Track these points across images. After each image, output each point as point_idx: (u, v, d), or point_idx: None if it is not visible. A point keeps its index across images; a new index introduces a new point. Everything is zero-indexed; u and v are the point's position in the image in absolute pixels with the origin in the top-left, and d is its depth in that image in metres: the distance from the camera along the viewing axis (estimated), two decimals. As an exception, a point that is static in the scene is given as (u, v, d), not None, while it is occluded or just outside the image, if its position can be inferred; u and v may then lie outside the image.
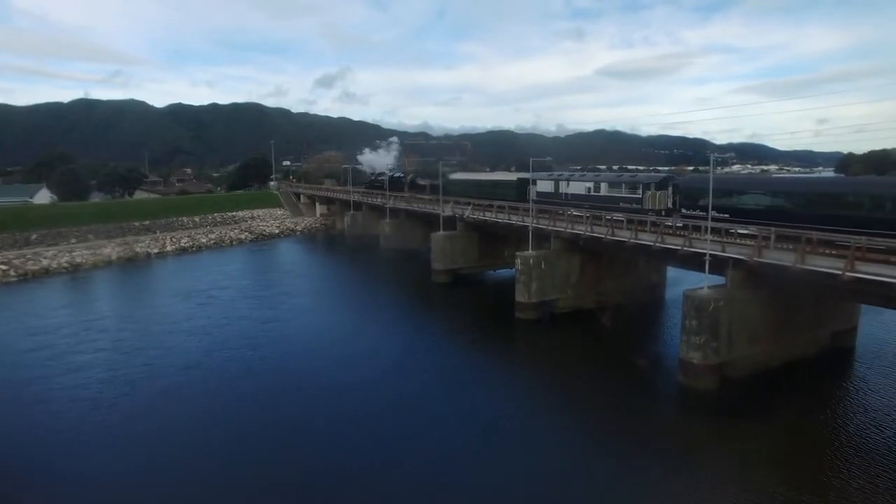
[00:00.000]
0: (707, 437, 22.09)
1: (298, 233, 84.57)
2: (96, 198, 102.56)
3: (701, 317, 25.51)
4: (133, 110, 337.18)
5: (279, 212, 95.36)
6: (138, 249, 64.05)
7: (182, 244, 68.82)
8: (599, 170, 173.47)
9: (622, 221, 33.80)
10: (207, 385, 27.11)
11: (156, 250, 65.34)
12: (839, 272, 22.09)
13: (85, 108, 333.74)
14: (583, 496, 18.68)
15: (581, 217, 36.81)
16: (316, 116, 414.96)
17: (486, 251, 49.43)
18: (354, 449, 21.38)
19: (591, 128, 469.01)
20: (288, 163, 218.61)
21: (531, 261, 36.50)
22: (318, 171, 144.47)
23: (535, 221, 38.32)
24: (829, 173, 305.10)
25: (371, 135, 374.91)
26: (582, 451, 21.51)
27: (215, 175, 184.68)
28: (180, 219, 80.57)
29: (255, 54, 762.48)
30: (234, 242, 74.32)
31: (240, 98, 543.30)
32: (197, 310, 41.06)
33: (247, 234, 78.43)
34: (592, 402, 25.21)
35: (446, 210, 50.67)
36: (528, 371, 29.80)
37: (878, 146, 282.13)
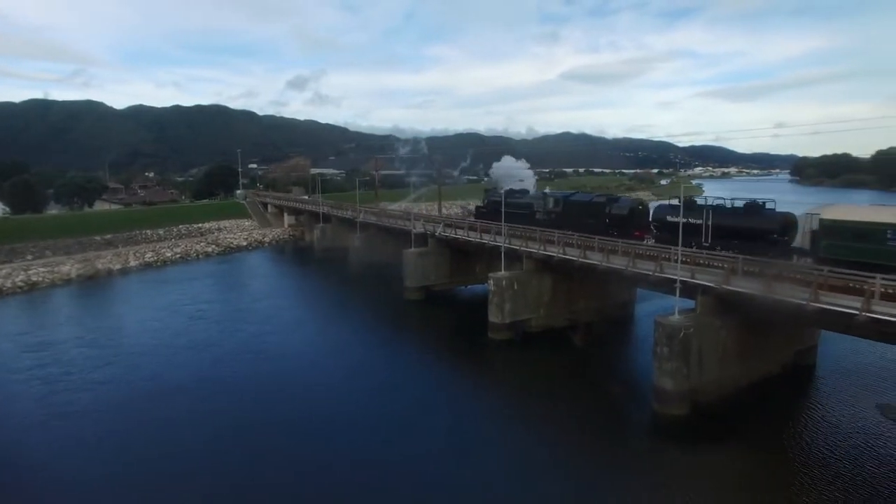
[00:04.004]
0: (681, 463, 22.40)
1: (267, 245, 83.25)
2: (53, 209, 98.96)
3: (672, 344, 25.88)
4: (92, 112, 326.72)
5: (247, 223, 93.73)
6: (100, 266, 62.07)
7: (146, 259, 67.02)
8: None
9: (594, 245, 34.15)
10: (170, 415, 26.50)
11: (118, 266, 63.41)
12: (804, 302, 22.83)
13: (39, 110, 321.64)
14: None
15: (553, 238, 37.07)
16: (282, 119, 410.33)
17: (458, 268, 49.41)
18: (326, 470, 21.62)
19: (558, 130, 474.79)
20: (254, 165, 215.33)
21: (504, 282, 36.59)
22: (285, 178, 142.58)
23: (507, 241, 38.45)
24: (785, 175, 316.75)
25: (338, 138, 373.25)
26: (557, 478, 21.45)
27: (179, 180, 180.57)
28: (144, 231, 78.53)
29: (222, 56, 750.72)
30: (200, 256, 72.72)
31: (205, 100, 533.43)
32: (162, 331, 40.14)
33: (214, 246, 76.82)
34: (567, 430, 25.28)
35: (417, 226, 50.48)
36: (502, 394, 29.87)
37: (830, 150, 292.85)
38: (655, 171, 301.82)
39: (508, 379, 32.22)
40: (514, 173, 72.28)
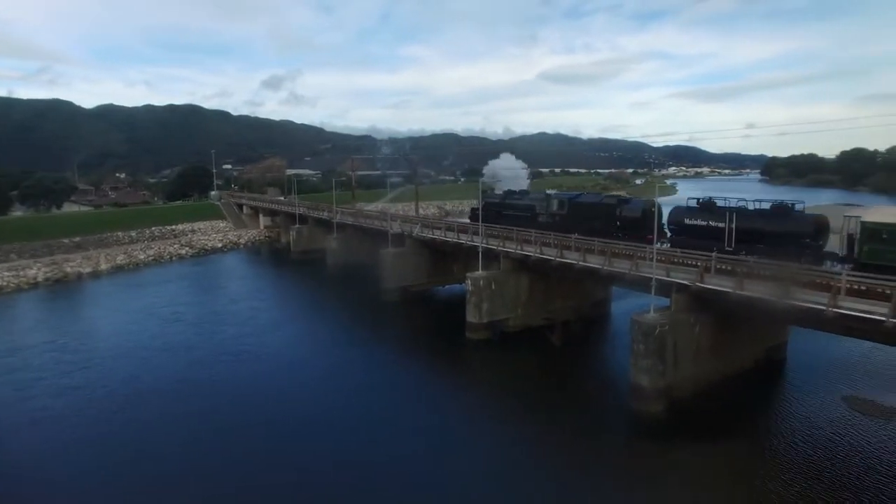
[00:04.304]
0: (657, 459, 22.66)
1: (242, 246, 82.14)
2: (18, 211, 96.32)
3: (648, 341, 26.22)
4: (59, 111, 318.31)
5: (221, 224, 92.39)
6: (68, 269, 60.55)
7: (118, 262, 65.61)
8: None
9: (570, 244, 34.39)
10: (148, 418, 26.03)
11: (88, 269, 61.96)
12: (775, 299, 23.34)
13: (2, 108, 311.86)
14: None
15: (531, 238, 37.25)
16: (257, 119, 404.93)
17: (436, 268, 49.36)
18: (305, 471, 21.63)
19: (534, 130, 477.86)
20: (229, 166, 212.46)
21: (481, 282, 36.68)
22: (260, 179, 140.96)
23: (484, 241, 38.56)
24: (755, 175, 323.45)
25: (314, 138, 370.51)
26: (535, 476, 21.54)
27: (151, 181, 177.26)
28: (115, 234, 76.91)
29: (195, 55, 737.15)
30: (174, 258, 71.45)
31: (177, 100, 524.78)
32: (137, 334, 39.48)
33: (188, 248, 75.58)
34: (545, 428, 25.47)
35: (395, 227, 50.33)
36: (480, 393, 29.94)
37: (798, 150, 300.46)
38: (630, 170, 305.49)
39: (487, 378, 32.30)
40: (509, 173, 66.70)
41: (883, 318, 20.15)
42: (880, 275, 22.74)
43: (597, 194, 50.42)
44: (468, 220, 50.55)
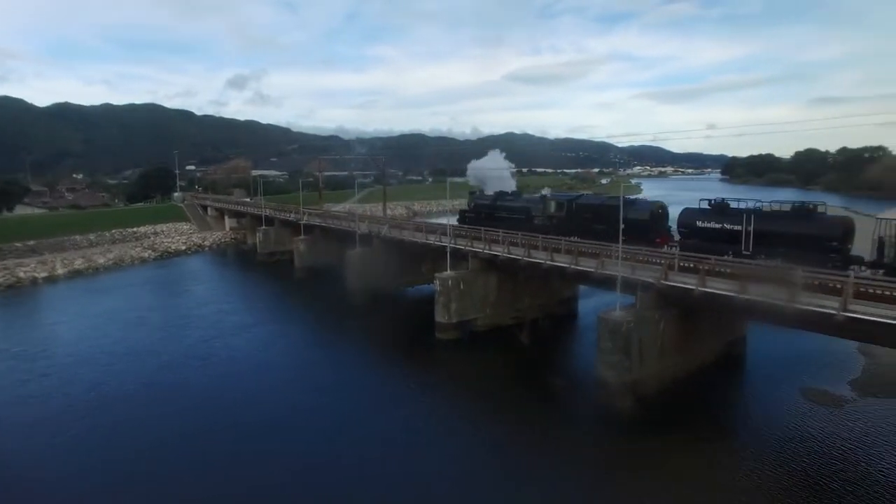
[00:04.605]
0: (623, 452, 23.07)
1: (207, 249, 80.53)
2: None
3: (614, 338, 26.72)
4: (8, 108, 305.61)
5: (185, 226, 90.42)
6: (22, 274, 58.31)
7: (76, 266, 63.48)
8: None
9: (538, 244, 34.75)
10: (114, 424, 25.37)
11: (44, 274, 59.82)
12: (735, 295, 24.08)
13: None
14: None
15: (498, 237, 37.53)
16: (221, 119, 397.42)
17: (404, 268, 49.25)
18: (274, 473, 21.36)
19: (501, 131, 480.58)
20: (193, 167, 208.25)
21: (450, 282, 36.80)
22: (225, 180, 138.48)
23: (452, 241, 38.69)
24: (716, 174, 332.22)
25: (280, 139, 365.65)
26: (502, 472, 21.86)
27: (111, 182, 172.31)
28: (73, 237, 74.54)
29: (156, 53, 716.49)
30: (136, 262, 69.54)
31: (138, 99, 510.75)
32: (100, 340, 38.25)
33: (150, 251, 73.70)
34: (513, 424, 25.81)
35: (362, 227, 50.09)
36: (449, 392, 30.04)
37: (756, 150, 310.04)
38: (596, 170, 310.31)
39: (456, 378, 32.40)
40: (496, 173, 62.62)
41: (834, 312, 20.97)
42: (833, 270, 23.71)
43: (598, 195, 47.66)
44: (443, 222, 49.62)
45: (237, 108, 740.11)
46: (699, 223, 32.99)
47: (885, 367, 29.95)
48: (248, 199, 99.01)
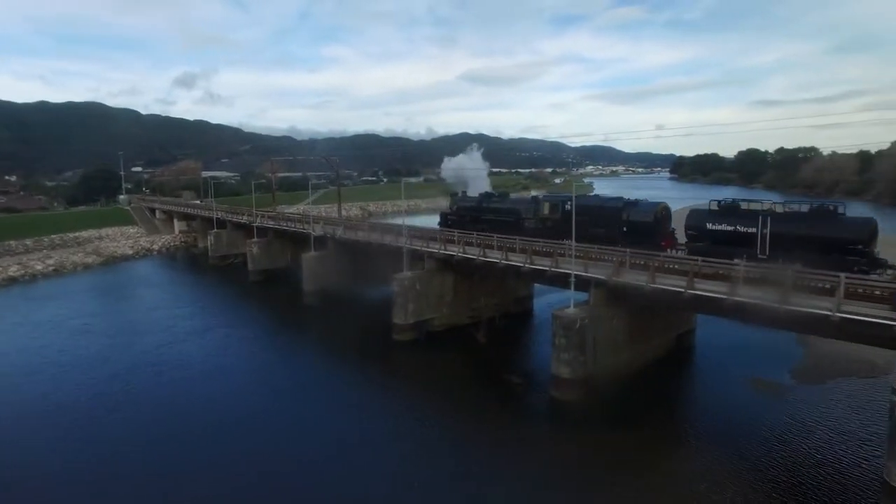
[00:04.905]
0: (577, 445, 23.64)
1: (156, 253, 78.08)
2: None
3: (569, 335, 27.24)
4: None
5: (132, 230, 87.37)
6: (-51, 283, 55.25)
7: (10, 273, 60.36)
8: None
9: (492, 244, 35.04)
10: (63, 435, 24.31)
11: (-25, 282, 56.77)
12: (682, 290, 24.92)
13: None
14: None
15: (454, 237, 37.67)
16: (169, 119, 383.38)
17: (360, 270, 48.83)
18: (231, 478, 21.17)
19: (456, 131, 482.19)
20: (139, 168, 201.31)
21: (406, 282, 36.75)
22: (174, 182, 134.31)
23: (408, 242, 38.64)
24: (665, 173, 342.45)
25: (232, 139, 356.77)
26: (454, 467, 22.08)
27: (50, 185, 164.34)
28: (7, 242, 70.95)
29: (98, 49, 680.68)
30: (79, 268, 66.70)
31: (78, 96, 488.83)
32: (44, 349, 36.53)
33: (95, 256, 70.82)
34: (468, 420, 26.09)
35: (317, 229, 49.48)
36: (406, 393, 30.01)
37: (702, 150, 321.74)
38: (549, 170, 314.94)
39: (413, 378, 32.38)
40: (474, 173, 58.40)
41: (774, 305, 21.96)
42: (772, 265, 24.80)
43: (596, 196, 44.57)
44: (398, 222, 48.96)
45: (186, 107, 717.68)
46: (709, 225, 31.14)
47: (821, 355, 31.52)
48: (198, 202, 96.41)
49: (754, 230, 29.01)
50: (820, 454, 22.04)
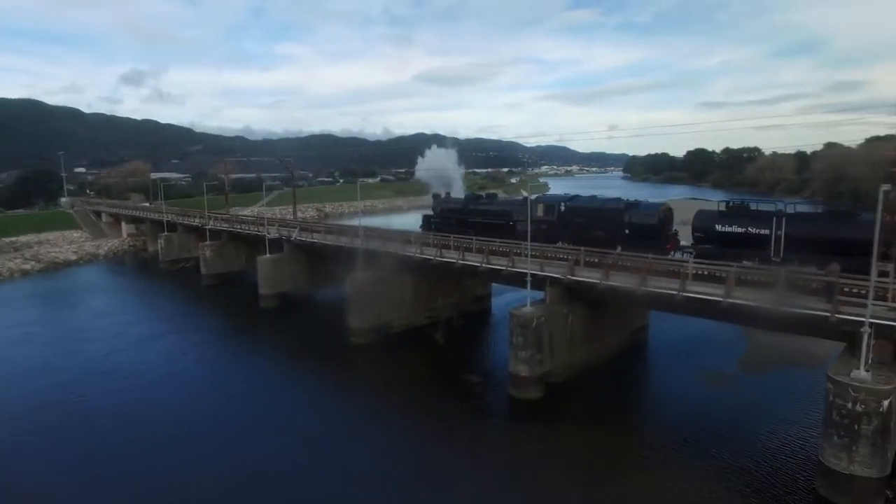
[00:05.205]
0: (535, 442, 23.97)
1: (102, 258, 75.09)
2: None
3: (526, 333, 27.57)
4: None
5: (76, 234, 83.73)
6: None
7: (-63, 281, 57.11)
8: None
9: (449, 244, 35.18)
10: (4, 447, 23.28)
11: None
12: (635, 287, 25.62)
13: None
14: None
15: (411, 238, 37.64)
16: (116, 118, 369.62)
17: (317, 272, 48.32)
18: (186, 482, 20.93)
19: (413, 131, 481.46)
20: (83, 170, 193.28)
21: (363, 284, 36.52)
22: (121, 183, 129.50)
23: (365, 243, 38.40)
24: (618, 173, 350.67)
25: (183, 139, 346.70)
26: (413, 468, 22.15)
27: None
28: (-68, 248, 67.00)
29: (34, 43, 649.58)
30: (15, 274, 63.50)
31: (11, 93, 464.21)
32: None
33: (34, 262, 67.60)
34: (427, 420, 26.21)
35: (272, 232, 48.64)
36: (365, 396, 29.84)
37: (653, 149, 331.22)
38: (506, 170, 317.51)
39: (371, 380, 32.24)
40: (452, 173, 55.16)
41: (720, 299, 22.83)
42: (716, 260, 25.77)
43: (593, 197, 42.29)
44: (355, 224, 47.96)
45: (134, 106, 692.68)
46: (718, 227, 30.00)
47: (764, 346, 32.85)
48: (147, 204, 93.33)
49: (767, 232, 28.10)
50: (764, 439, 23.06)
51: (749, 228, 28.82)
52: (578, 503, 19.70)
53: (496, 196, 44.60)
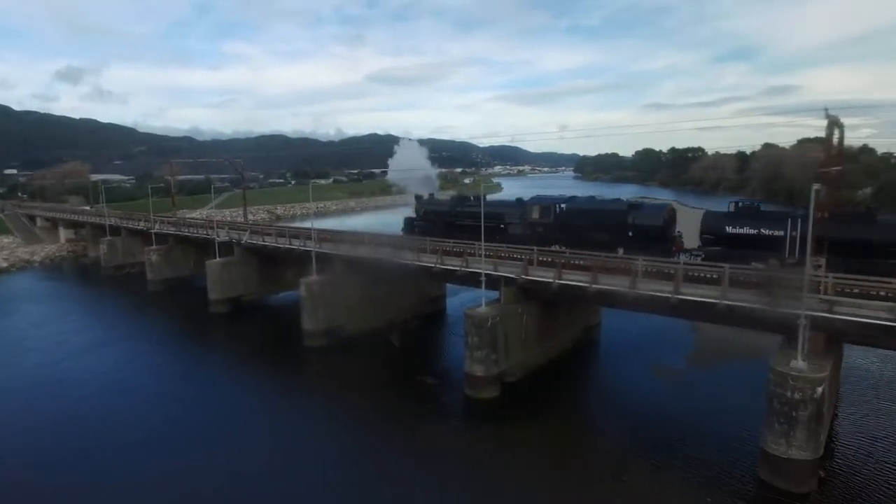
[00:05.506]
0: (491, 440, 24.23)
1: (38, 265, 71.53)
2: None
3: (481, 333, 27.76)
4: None
5: (6, 240, 79.66)
6: None
7: None
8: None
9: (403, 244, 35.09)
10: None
11: None
12: (587, 285, 26.15)
13: None
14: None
15: (364, 240, 37.35)
16: (50, 116, 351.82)
17: (268, 276, 47.43)
18: (136, 493, 20.43)
19: (365, 132, 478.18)
20: (14, 171, 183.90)
21: (316, 287, 36.05)
22: (58, 186, 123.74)
23: (318, 246, 37.89)
24: (570, 172, 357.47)
25: (126, 139, 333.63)
26: (369, 470, 21.99)
27: None
28: None
29: None
30: (-61, 284, 59.85)
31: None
32: None
33: (-41, 270, 63.88)
34: (383, 423, 26.08)
35: (221, 235, 47.41)
36: (319, 400, 29.55)
37: (603, 149, 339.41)
38: (459, 170, 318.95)
39: (325, 384, 31.84)
40: (430, 172, 51.98)
41: (669, 296, 23.58)
42: (666, 258, 26.58)
43: (592, 198, 40.83)
44: (307, 226, 47.00)
45: (71, 104, 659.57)
46: (729, 229, 28.89)
47: (711, 340, 34.12)
48: (87, 208, 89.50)
49: (782, 233, 27.24)
50: (711, 430, 24.01)
51: (762, 230, 27.95)
52: (532, 499, 19.94)
53: (485, 197, 42.62)
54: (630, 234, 32.52)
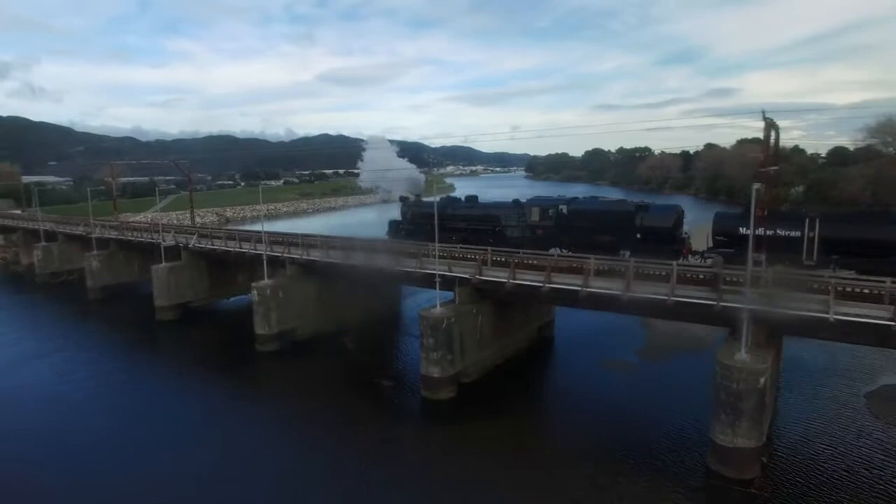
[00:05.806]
0: (447, 441, 24.36)
1: (-37, 273, 67.40)
2: None
3: (436, 334, 27.76)
4: None
5: (-73, 247, 74.62)
6: None
7: None
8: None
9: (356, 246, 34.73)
10: None
11: None
12: (541, 285, 26.50)
13: None
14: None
15: (316, 242, 36.78)
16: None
17: (218, 280, 46.15)
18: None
19: (316, 132, 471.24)
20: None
21: (268, 290, 35.29)
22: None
23: (269, 249, 37.09)
24: (521, 172, 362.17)
25: (61, 139, 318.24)
26: (326, 474, 21.72)
27: None
28: None
29: None
30: None
31: None
32: None
33: None
34: (339, 426, 25.79)
35: (168, 239, 45.80)
36: (272, 405, 28.99)
37: (553, 150, 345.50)
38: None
39: (279, 389, 31.23)
40: (407, 173, 49.70)
41: (619, 293, 24.14)
42: (616, 257, 27.20)
43: (594, 198, 39.27)
44: (257, 229, 45.84)
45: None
46: (742, 230, 27.11)
47: (661, 335, 35.16)
48: (18, 211, 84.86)
49: (799, 234, 26.88)
50: (662, 423, 24.65)
51: (778, 231, 27.20)
52: (488, 496, 20.04)
53: (477, 199, 42.03)
54: (638, 235, 31.83)
